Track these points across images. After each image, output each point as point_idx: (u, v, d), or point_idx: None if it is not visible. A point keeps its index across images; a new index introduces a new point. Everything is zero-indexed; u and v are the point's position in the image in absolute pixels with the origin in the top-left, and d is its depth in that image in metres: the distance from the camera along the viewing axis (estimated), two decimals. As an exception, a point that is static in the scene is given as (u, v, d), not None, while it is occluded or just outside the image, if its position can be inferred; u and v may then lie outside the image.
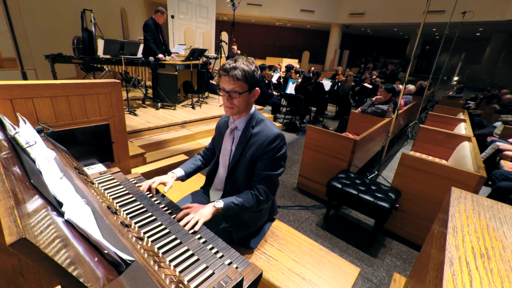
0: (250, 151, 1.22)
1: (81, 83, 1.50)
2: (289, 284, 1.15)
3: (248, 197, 1.18)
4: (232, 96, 1.13)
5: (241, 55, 1.23)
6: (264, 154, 1.19)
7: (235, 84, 1.10)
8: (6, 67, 5.38)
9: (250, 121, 1.24)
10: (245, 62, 1.11)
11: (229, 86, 1.11)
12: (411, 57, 3.14)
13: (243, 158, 1.24)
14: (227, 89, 1.12)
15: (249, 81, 1.12)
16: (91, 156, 1.61)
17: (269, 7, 14.83)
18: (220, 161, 1.37)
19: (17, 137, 0.85)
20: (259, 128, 1.22)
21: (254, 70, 1.13)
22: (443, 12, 10.88)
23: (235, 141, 1.29)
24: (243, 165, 1.25)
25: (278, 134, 1.19)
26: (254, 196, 1.19)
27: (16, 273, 1.14)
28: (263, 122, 1.24)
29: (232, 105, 1.15)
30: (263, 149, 1.18)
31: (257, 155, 1.21)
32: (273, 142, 1.18)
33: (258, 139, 1.20)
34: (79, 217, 0.61)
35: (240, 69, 1.08)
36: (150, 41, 4.34)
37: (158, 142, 3.43)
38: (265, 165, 1.20)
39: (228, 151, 1.31)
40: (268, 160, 1.20)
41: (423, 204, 2.18)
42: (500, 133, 4.38)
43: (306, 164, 2.95)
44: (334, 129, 4.50)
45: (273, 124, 1.24)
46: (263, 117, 1.26)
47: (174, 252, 0.85)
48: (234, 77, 1.08)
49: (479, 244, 0.72)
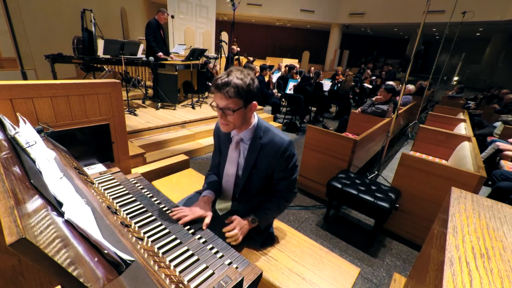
0: (263, 163, 1.18)
1: (81, 83, 1.50)
2: (289, 284, 1.14)
3: (276, 204, 1.25)
4: (226, 113, 1.05)
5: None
6: (281, 165, 1.19)
7: (227, 101, 1.02)
8: (6, 67, 5.38)
9: (256, 131, 1.18)
10: (239, 75, 1.02)
11: (222, 103, 1.03)
12: (411, 57, 3.14)
13: (256, 171, 1.21)
14: (221, 106, 1.04)
15: (243, 96, 1.03)
16: (91, 156, 1.61)
17: (269, 7, 14.83)
18: (225, 173, 1.31)
19: (17, 137, 0.85)
20: (268, 137, 1.17)
21: (249, 83, 1.03)
22: (443, 12, 10.88)
23: (242, 153, 1.23)
24: (256, 177, 1.23)
25: (289, 142, 1.17)
26: (282, 206, 1.27)
27: (16, 273, 1.14)
28: (270, 131, 1.19)
29: (227, 122, 1.08)
30: (278, 160, 1.16)
31: (273, 167, 1.20)
32: (287, 151, 1.16)
33: (270, 151, 1.16)
34: (79, 217, 0.61)
35: (233, 85, 0.99)
36: (150, 40, 4.36)
37: (158, 142, 3.43)
38: (284, 174, 1.22)
39: (234, 163, 1.25)
40: (286, 170, 1.21)
41: (423, 204, 2.18)
42: (500, 133, 4.38)
43: (306, 164, 2.95)
44: (334, 129, 4.50)
45: (280, 132, 1.21)
46: (268, 125, 1.21)
47: (174, 252, 0.85)
48: (226, 94, 1.00)
49: (479, 244, 0.72)
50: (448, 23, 5.78)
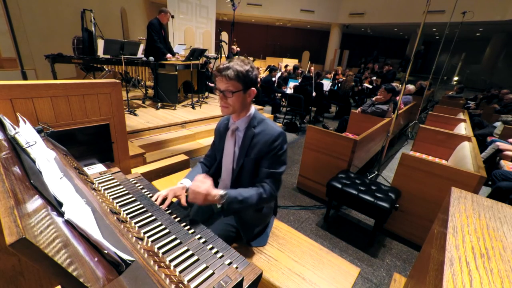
0: (254, 151, 1.22)
1: (81, 83, 1.50)
2: (289, 284, 1.14)
3: (252, 195, 1.17)
4: (226, 95, 1.14)
5: (238, 56, 1.24)
6: (268, 153, 1.20)
7: (228, 83, 1.12)
8: (6, 67, 5.38)
9: (251, 121, 1.25)
10: (240, 62, 1.13)
11: (223, 86, 1.13)
12: (411, 57, 3.14)
13: (248, 159, 1.24)
14: (222, 89, 1.14)
15: (242, 80, 1.13)
16: (91, 156, 1.61)
17: (269, 7, 14.82)
18: (224, 164, 1.36)
19: (17, 137, 0.85)
20: (261, 127, 1.23)
21: (248, 70, 1.14)
22: (443, 12, 10.88)
23: (237, 143, 1.28)
24: (248, 167, 1.25)
25: (280, 132, 1.21)
26: (258, 194, 1.18)
27: (16, 273, 1.14)
28: (264, 122, 1.25)
29: (227, 105, 1.17)
30: (267, 147, 1.19)
31: (262, 154, 1.21)
32: (277, 140, 1.19)
33: (261, 138, 1.21)
34: (79, 217, 0.61)
35: (233, 69, 1.10)
36: (157, 41, 4.35)
37: (158, 142, 3.43)
38: (269, 164, 1.21)
39: (231, 153, 1.31)
40: (272, 159, 1.21)
41: (423, 204, 2.18)
42: (500, 133, 4.38)
43: (306, 164, 2.95)
44: (334, 129, 4.50)
45: (274, 123, 1.26)
46: (263, 117, 1.27)
47: (174, 252, 0.85)
48: (227, 76, 1.10)
49: (479, 244, 0.72)
50: (448, 23, 5.77)
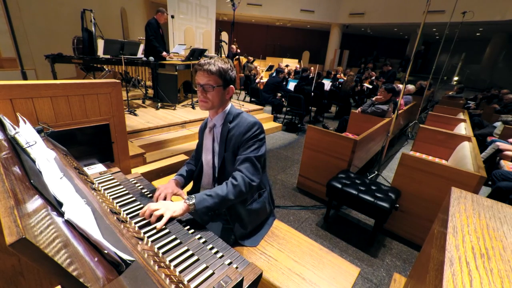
0: (231, 144, 1.24)
1: (81, 83, 1.50)
2: (289, 284, 1.14)
3: (222, 186, 1.12)
4: (206, 89, 1.16)
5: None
6: (242, 142, 1.21)
7: (209, 77, 1.14)
8: (6, 67, 5.38)
9: (227, 116, 1.27)
10: (221, 60, 1.17)
11: (204, 80, 1.15)
12: (411, 57, 3.14)
13: (227, 154, 1.26)
14: (202, 83, 1.16)
15: (223, 76, 1.15)
16: (91, 156, 1.61)
17: (269, 7, 14.81)
18: (205, 162, 1.38)
19: (17, 137, 0.85)
20: (236, 121, 1.25)
21: (229, 68, 1.17)
22: (443, 12, 10.87)
23: (216, 139, 1.30)
24: (228, 161, 1.27)
25: (254, 122, 1.22)
26: (229, 183, 1.12)
27: (16, 273, 1.14)
28: (239, 115, 1.27)
29: (206, 99, 1.18)
30: (241, 138, 1.21)
31: (237, 146, 1.22)
32: (250, 130, 1.20)
33: (236, 131, 1.22)
34: (79, 217, 0.61)
35: (215, 65, 1.13)
36: (153, 39, 4.37)
37: (158, 142, 3.43)
38: (243, 150, 1.21)
39: (210, 150, 1.33)
40: (246, 145, 1.20)
41: (423, 204, 2.18)
42: (500, 133, 4.37)
43: (306, 164, 2.95)
44: (334, 129, 4.50)
45: (249, 115, 1.27)
46: (239, 111, 1.29)
47: (174, 252, 0.85)
48: (209, 71, 1.13)
49: (479, 244, 0.72)
50: (448, 23, 5.77)
